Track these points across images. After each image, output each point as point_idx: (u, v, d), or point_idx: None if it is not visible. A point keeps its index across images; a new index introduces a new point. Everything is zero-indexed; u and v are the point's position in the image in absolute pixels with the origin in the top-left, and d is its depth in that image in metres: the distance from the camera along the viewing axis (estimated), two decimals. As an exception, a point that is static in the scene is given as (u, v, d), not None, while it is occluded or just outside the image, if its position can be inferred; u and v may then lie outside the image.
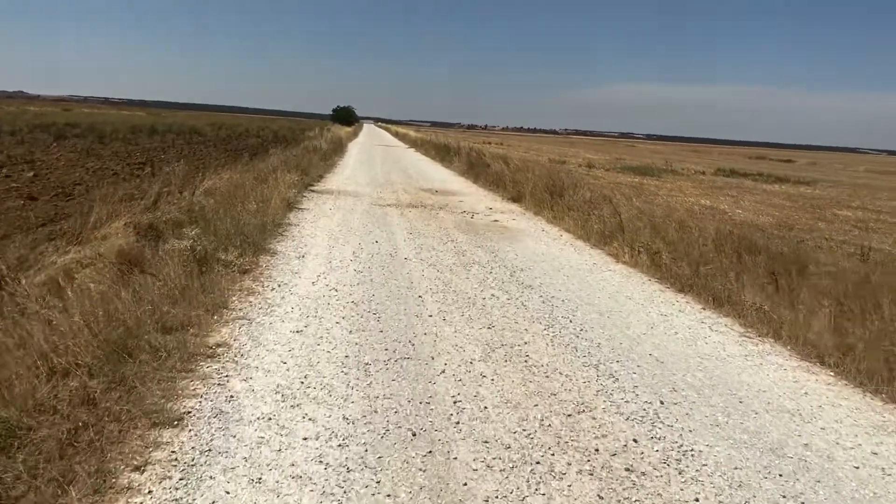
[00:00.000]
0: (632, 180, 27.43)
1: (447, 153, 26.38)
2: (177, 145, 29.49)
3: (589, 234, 9.57)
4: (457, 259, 7.50)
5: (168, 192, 11.20)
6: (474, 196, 14.66)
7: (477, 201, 13.70)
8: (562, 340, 4.77)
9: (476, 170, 19.13)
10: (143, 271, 5.51)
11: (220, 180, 12.49)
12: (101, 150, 22.14)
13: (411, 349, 4.38)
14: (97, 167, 16.34)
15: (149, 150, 24.52)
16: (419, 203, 12.72)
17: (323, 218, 9.95)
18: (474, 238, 9.02)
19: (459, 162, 22.51)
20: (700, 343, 4.96)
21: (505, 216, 11.55)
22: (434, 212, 11.58)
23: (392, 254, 7.57)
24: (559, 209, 11.32)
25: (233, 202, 9.89)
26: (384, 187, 15.21)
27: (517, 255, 8.02)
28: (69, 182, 12.88)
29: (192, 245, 5.99)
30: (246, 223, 7.99)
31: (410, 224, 9.94)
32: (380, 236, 8.70)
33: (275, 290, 5.63)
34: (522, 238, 9.33)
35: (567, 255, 8.23)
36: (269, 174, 13.25)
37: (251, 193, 10.57)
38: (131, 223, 7.81)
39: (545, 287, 6.42)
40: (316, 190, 13.80)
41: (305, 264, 6.69)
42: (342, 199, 12.56)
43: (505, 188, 15.14)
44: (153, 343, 3.98)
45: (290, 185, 12.05)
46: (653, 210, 11.40)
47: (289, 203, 10.74)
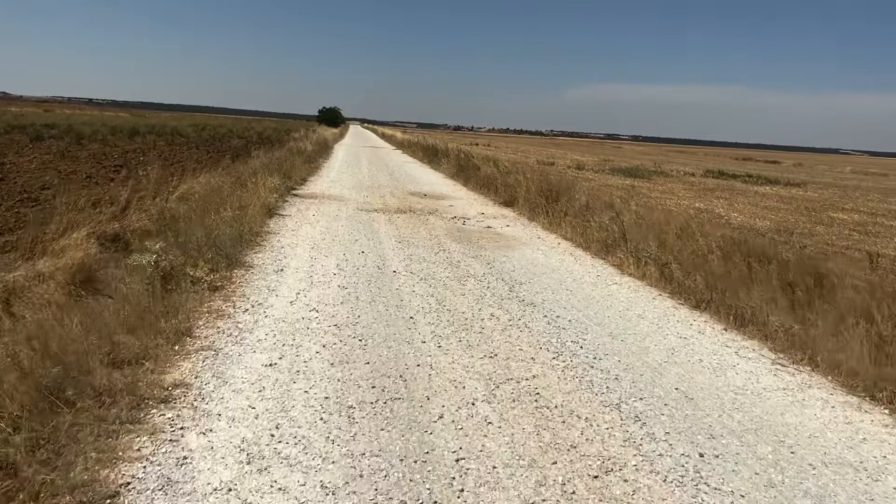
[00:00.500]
0: (623, 182, 26.99)
1: (435, 155, 25.77)
2: (157, 147, 28.67)
3: (589, 242, 9.00)
4: (450, 272, 6.89)
5: (141, 196, 10.54)
6: (465, 200, 14.06)
7: (468, 206, 13.10)
8: (575, 373, 4.18)
9: (466, 173, 18.54)
10: (97, 292, 4.86)
11: (196, 184, 11.84)
12: (78, 153, 21.33)
13: (402, 387, 3.77)
14: (70, 170, 15.58)
15: (128, 153, 23.72)
16: (408, 208, 12.10)
17: (305, 225, 9.30)
18: (468, 247, 8.42)
19: (448, 164, 21.91)
20: (730, 373, 4.38)
21: (498, 222, 10.96)
22: (424, 217, 10.96)
23: (380, 266, 6.94)
24: (555, 215, 10.74)
25: (208, 209, 9.24)
26: (371, 191, 14.58)
27: (515, 266, 7.43)
28: (37, 186, 12.13)
29: (156, 260, 5.34)
30: (220, 233, 7.33)
31: (399, 231, 9.32)
32: (366, 246, 8.07)
33: (248, 311, 5.00)
34: (519, 247, 8.74)
35: (568, 267, 7.64)
36: (250, 178, 12.58)
37: (229, 199, 9.91)
38: (94, 233, 7.14)
39: (549, 304, 5.82)
40: (299, 194, 13.14)
41: (284, 279, 6.05)
42: (326, 204, 11.92)
43: (496, 192, 14.56)
44: (97, 384, 3.34)
45: (271, 190, 11.39)
46: (652, 215, 10.87)
47: (269, 209, 10.09)
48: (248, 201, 9.93)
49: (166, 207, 9.30)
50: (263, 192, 10.42)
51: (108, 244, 7.15)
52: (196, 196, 10.32)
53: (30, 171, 14.71)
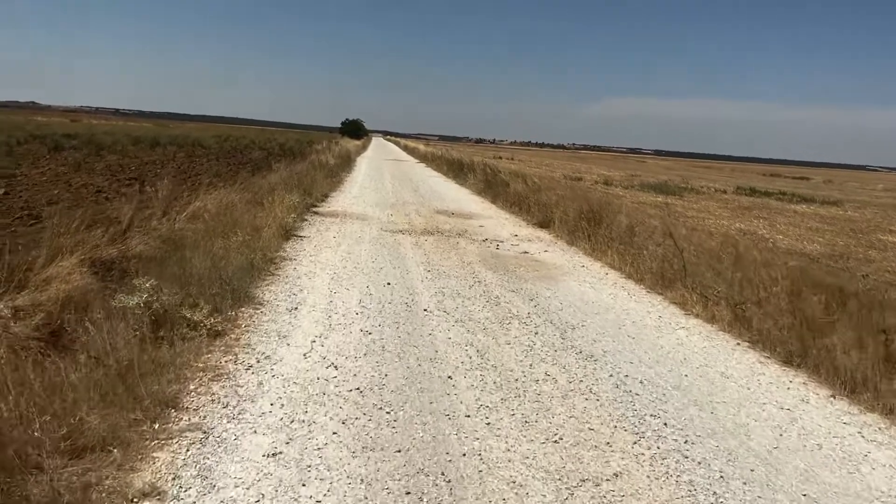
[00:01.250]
0: (654, 199, 25.96)
1: (460, 170, 24.91)
2: (177, 158, 28.17)
3: (641, 273, 8.03)
4: (490, 311, 5.96)
5: (148, 215, 9.77)
6: (495, 220, 13.15)
7: (499, 226, 12.18)
8: (666, 467, 3.22)
9: (494, 189, 17.63)
10: (68, 346, 4.00)
11: (210, 201, 11.07)
12: (95, 164, 20.78)
13: (447, 493, 2.84)
14: (82, 183, 14.93)
15: (146, 164, 23.17)
16: (435, 229, 11.21)
17: (325, 250, 8.44)
18: (505, 277, 7.49)
19: (475, 179, 21.03)
20: (864, 468, 3.39)
21: (535, 246, 10.01)
22: (453, 240, 10.06)
23: (408, 303, 6.03)
24: (598, 239, 9.78)
25: (218, 231, 8.43)
26: (395, 209, 13.72)
27: (562, 303, 6.48)
28: (42, 201, 11.44)
29: (146, 300, 4.48)
30: (229, 261, 6.49)
31: (427, 257, 8.42)
32: (392, 275, 7.18)
33: (251, 368, 4.10)
34: (562, 277, 7.79)
35: (623, 304, 6.67)
36: (268, 194, 11.80)
37: (242, 219, 9.10)
38: (89, 259, 6.33)
39: (612, 358, 4.87)
40: (320, 212, 12.32)
41: (298, 322, 5.16)
42: (348, 223, 11.07)
43: (529, 211, 13.62)
44: (35, 497, 2.46)
45: (289, 209, 10.58)
46: (693, 237, 9.92)
47: (286, 230, 9.25)
48: (264, 222, 9.11)
49: (174, 229, 8.51)
50: (280, 212, 9.59)
51: (104, 272, 6.35)
52: (207, 216, 9.54)
53: (39, 184, 14.07)
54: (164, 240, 7.71)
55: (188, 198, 11.98)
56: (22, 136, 31.43)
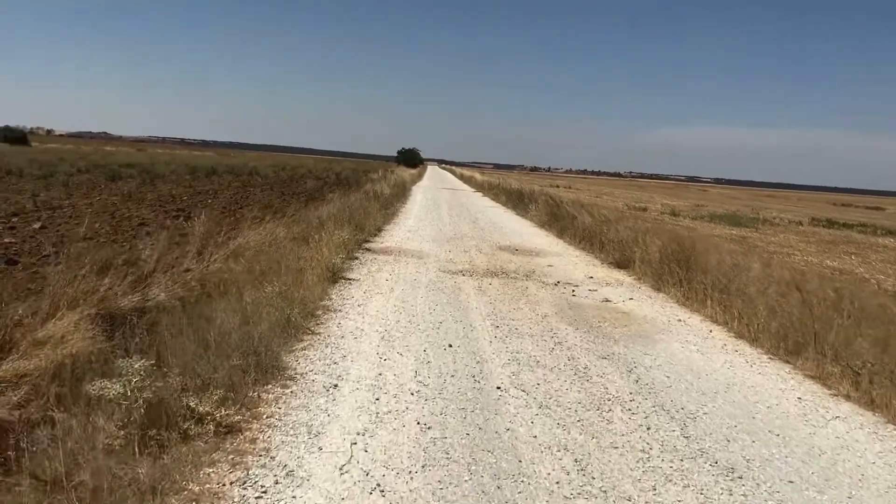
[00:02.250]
0: (729, 232, 24.18)
1: (521, 200, 23.67)
2: (231, 188, 27.85)
3: (753, 330, 6.59)
4: (580, 389, 4.67)
5: (184, 253, 8.86)
6: (565, 258, 11.83)
7: (570, 266, 10.86)
8: None
9: (560, 222, 16.31)
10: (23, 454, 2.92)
11: (254, 236, 10.14)
12: (147, 194, 20.42)
13: None
14: (128, 215, 14.32)
15: (199, 193, 22.77)
16: (499, 269, 9.97)
17: (376, 297, 7.29)
18: (590, 337, 6.18)
19: (537, 211, 19.75)
20: None
21: (616, 292, 8.66)
22: (520, 283, 8.80)
23: (476, 375, 4.80)
24: (693, 285, 8.35)
25: (257, 273, 7.42)
26: (453, 244, 12.55)
27: (668, 375, 5.13)
28: (78, 236, 10.73)
29: (137, 386, 3.39)
30: (261, 317, 5.40)
31: (493, 307, 7.18)
32: (454, 332, 5.97)
33: (265, 495, 2.93)
34: (659, 336, 6.43)
35: (745, 378, 5.27)
36: (316, 230, 10.82)
37: (285, 259, 8.09)
38: (96, 313, 5.33)
39: (761, 473, 3.51)
40: (372, 248, 11.25)
41: (336, 408, 3.98)
42: (403, 262, 9.94)
43: (602, 248, 12.25)
44: None
45: (338, 246, 9.53)
46: (815, 286, 8.40)
47: (334, 272, 8.17)
48: (309, 262, 8.06)
49: (208, 271, 7.53)
50: (328, 251, 8.52)
51: (115, 328, 5.35)
52: (248, 254, 8.57)
53: (82, 216, 13.48)
54: (192, 287, 6.71)
55: (232, 232, 11.11)
56: (84, 166, 31.78)
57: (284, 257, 8.26)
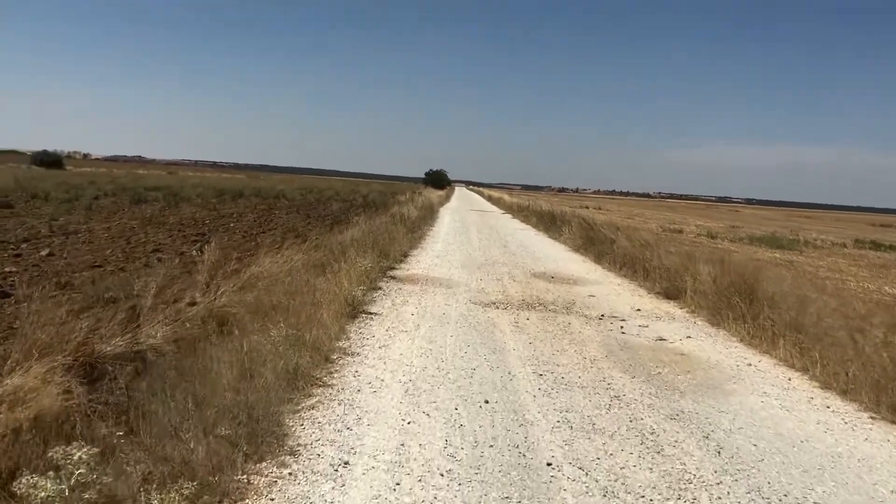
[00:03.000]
0: (771, 255, 22.90)
1: (552, 222, 22.73)
2: (257, 210, 27.38)
3: (842, 379, 5.58)
4: (652, 465, 3.73)
5: (192, 283, 8.17)
6: (606, 287, 10.87)
7: (614, 296, 9.90)
8: None
9: (597, 246, 15.33)
10: None
11: (269, 265, 9.39)
12: (169, 217, 19.93)
13: None
14: (143, 240, 13.72)
15: (223, 217, 22.26)
16: (535, 299, 9.07)
17: (399, 336, 6.44)
18: (650, 387, 5.24)
19: (570, 234, 18.80)
20: None
21: (669, 328, 7.69)
22: (561, 317, 7.88)
23: (520, 446, 3.89)
24: (761, 321, 7.34)
25: (268, 307, 6.65)
26: (484, 271, 11.68)
27: (756, 445, 4.17)
28: (86, 264, 10.07)
29: (77, 484, 2.56)
30: (265, 366, 4.58)
31: (534, 348, 6.28)
32: (490, 383, 5.08)
33: None
34: (730, 386, 5.46)
35: (851, 446, 4.28)
36: (338, 258, 10.05)
37: (300, 293, 7.31)
38: (72, 362, 4.57)
39: None
40: (397, 276, 10.43)
41: (345, 499, 3.12)
42: (430, 292, 9.09)
43: (646, 275, 11.26)
44: None
45: (360, 276, 8.74)
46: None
47: (353, 306, 7.35)
48: (325, 295, 7.26)
49: (214, 306, 6.77)
50: (348, 282, 7.70)
51: (96, 378, 4.58)
52: (261, 285, 7.82)
53: (96, 242, 12.90)
54: (192, 326, 5.94)
55: (249, 258, 10.40)
56: (111, 189, 31.65)
57: (300, 289, 7.48)
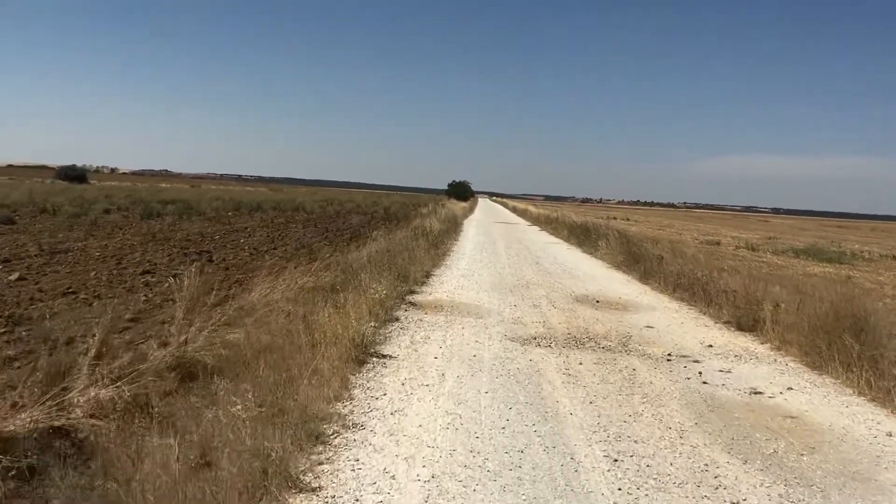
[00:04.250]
0: (823, 269, 20.98)
1: (586, 236, 21.08)
2: (274, 224, 26.13)
3: None
4: None
5: (168, 318, 6.87)
6: (662, 313, 9.26)
7: (675, 325, 8.30)
8: None
9: (642, 264, 13.67)
10: None
11: (265, 291, 7.99)
12: (175, 233, 18.67)
13: None
14: (137, 260, 12.39)
15: (235, 231, 21.00)
16: (583, 332, 7.52)
17: (419, 394, 4.92)
18: (773, 479, 3.66)
19: (608, 249, 17.16)
20: None
21: (759, 375, 6.08)
22: (621, 359, 6.31)
23: None
24: (882, 366, 5.71)
25: (255, 354, 5.22)
26: (518, 294, 10.13)
27: None
28: (59, 290, 8.72)
29: None
30: (220, 465, 3.10)
31: (597, 413, 4.72)
32: (546, 479, 3.53)
33: None
34: (885, 477, 3.87)
35: None
36: (349, 282, 8.64)
37: (298, 328, 5.87)
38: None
39: None
40: (417, 302, 8.93)
41: None
42: (456, 324, 7.57)
43: (707, 300, 9.62)
44: None
45: (374, 305, 7.28)
46: None
47: (363, 346, 5.86)
48: (328, 332, 5.78)
49: (185, 352, 5.37)
50: (355, 318, 6.20)
51: None
52: (248, 322, 6.39)
53: (84, 262, 11.58)
54: (143, 387, 4.50)
55: (250, 282, 9.04)
56: (124, 203, 30.66)
57: (297, 325, 6.02)
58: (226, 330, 6.29)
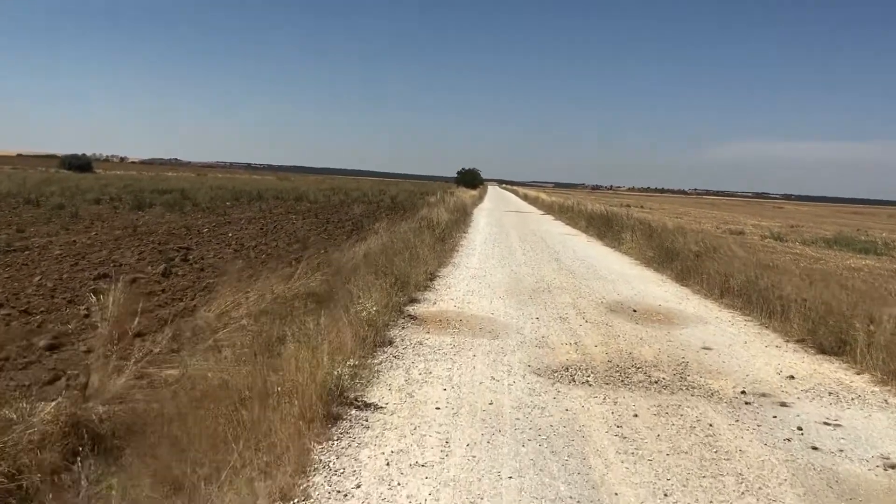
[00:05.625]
0: (865, 262, 19.16)
1: (606, 227, 19.37)
2: (273, 214, 24.57)
3: None
4: None
5: (83, 363, 5.35)
6: (714, 326, 7.62)
7: (738, 346, 6.67)
8: None
9: (678, 262, 12.00)
10: None
11: (233, 304, 6.49)
12: (160, 226, 17.12)
13: None
14: (101, 259, 10.85)
15: (228, 224, 19.45)
16: (627, 358, 5.91)
17: (411, 480, 3.31)
18: None
19: (635, 242, 15.49)
20: None
21: (877, 427, 4.46)
22: (688, 405, 4.70)
23: None
24: None
25: (158, 431, 3.62)
26: (540, 301, 8.52)
27: None
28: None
29: None
30: None
31: (676, 508, 3.14)
32: None
33: None
34: None
35: None
36: (337, 289, 7.09)
37: (251, 373, 4.28)
38: None
39: None
40: (418, 315, 7.33)
41: None
42: (466, 351, 5.95)
43: (770, 309, 7.96)
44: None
45: (360, 326, 5.69)
46: None
47: (339, 392, 4.28)
48: (291, 376, 4.20)
49: (79, 412, 3.82)
50: (330, 354, 4.58)
51: None
52: (189, 362, 4.81)
53: (36, 263, 10.04)
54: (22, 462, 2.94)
55: (223, 287, 7.57)
56: (116, 193, 29.18)
57: (252, 366, 4.44)
58: (155, 371, 4.73)
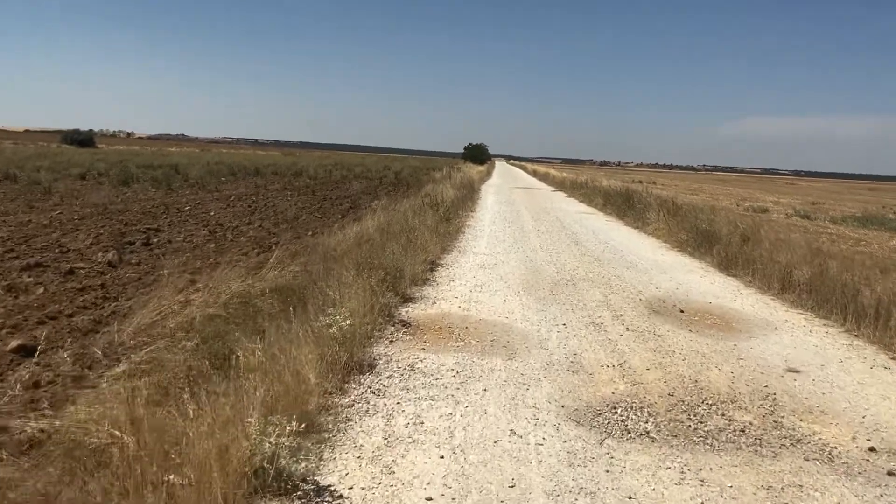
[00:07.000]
0: (906, 243, 17.36)
1: (627, 205, 17.64)
2: (268, 191, 22.95)
3: None
4: None
5: None
6: (789, 335, 6.00)
7: (834, 367, 5.05)
8: None
9: (718, 246, 10.32)
10: None
11: (168, 311, 4.87)
12: (135, 204, 15.51)
13: None
14: (43, 244, 9.26)
15: (214, 201, 17.86)
16: (695, 393, 4.36)
17: None
18: None
19: (662, 223, 13.81)
20: None
21: None
22: (810, 485, 3.12)
23: None
24: None
25: None
26: (563, 297, 6.91)
27: None
28: None
29: None
30: None
31: None
32: None
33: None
34: None
35: None
36: (323, 280, 5.49)
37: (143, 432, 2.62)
38: None
39: None
40: (412, 321, 5.73)
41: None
42: (473, 382, 4.34)
43: (858, 312, 6.33)
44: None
45: (329, 345, 4.09)
46: None
47: (278, 476, 2.69)
48: (207, 443, 2.57)
49: None
50: (257, 424, 2.98)
51: None
52: (74, 411, 3.15)
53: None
54: None
55: (182, 281, 5.97)
56: (105, 168, 27.56)
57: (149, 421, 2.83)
58: (32, 413, 3.17)
